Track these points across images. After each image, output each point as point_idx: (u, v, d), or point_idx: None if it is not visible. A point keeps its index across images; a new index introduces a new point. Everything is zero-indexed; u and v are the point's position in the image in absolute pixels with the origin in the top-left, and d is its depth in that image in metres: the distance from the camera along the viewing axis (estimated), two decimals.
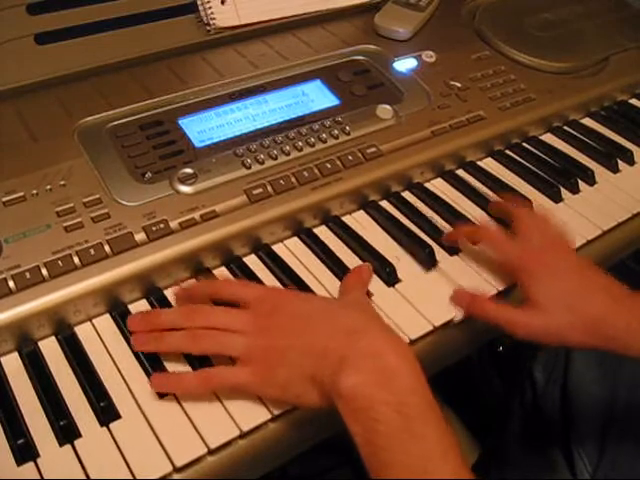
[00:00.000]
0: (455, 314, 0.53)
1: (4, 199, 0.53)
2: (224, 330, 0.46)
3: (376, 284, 0.55)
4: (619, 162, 0.72)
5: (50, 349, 0.49)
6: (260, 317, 0.46)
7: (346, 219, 0.62)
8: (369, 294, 0.54)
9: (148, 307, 0.52)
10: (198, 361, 0.47)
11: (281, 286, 0.55)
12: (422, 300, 0.54)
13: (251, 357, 0.45)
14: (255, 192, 0.58)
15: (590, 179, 0.69)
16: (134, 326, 0.49)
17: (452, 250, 0.59)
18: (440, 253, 0.59)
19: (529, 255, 0.54)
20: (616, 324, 0.50)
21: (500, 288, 0.56)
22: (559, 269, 0.53)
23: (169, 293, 0.53)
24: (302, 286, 0.55)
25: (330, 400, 0.42)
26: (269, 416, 0.45)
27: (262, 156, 0.60)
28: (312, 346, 0.44)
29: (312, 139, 0.63)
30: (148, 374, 0.47)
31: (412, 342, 0.51)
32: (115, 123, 0.61)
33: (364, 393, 0.40)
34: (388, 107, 0.68)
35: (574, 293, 0.51)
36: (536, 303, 0.51)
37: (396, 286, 0.56)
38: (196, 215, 0.55)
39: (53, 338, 0.50)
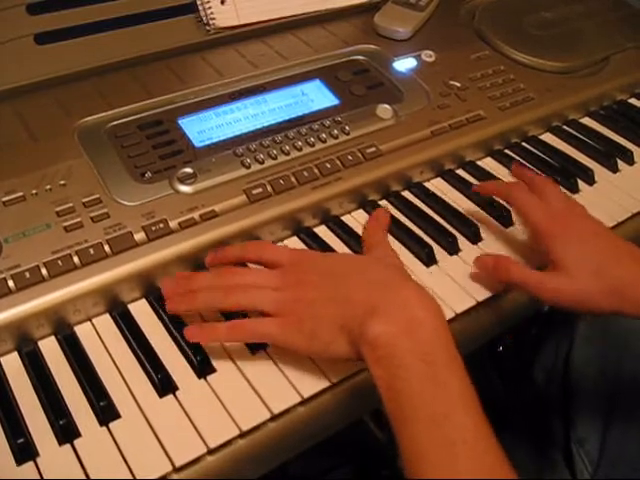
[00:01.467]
0: (449, 315, 0.53)
1: (4, 199, 0.53)
2: (255, 287, 0.47)
3: None
4: (619, 162, 0.72)
5: (50, 349, 0.49)
6: (290, 274, 0.48)
7: (346, 219, 0.62)
8: None
9: (148, 307, 0.52)
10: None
11: None
12: None
13: (281, 310, 0.46)
14: (255, 192, 0.58)
15: (589, 179, 0.69)
16: (168, 289, 0.50)
17: (452, 250, 0.59)
18: (440, 253, 0.59)
19: (555, 219, 0.54)
20: None
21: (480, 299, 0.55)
22: (585, 233, 0.53)
23: None
24: None
25: (357, 348, 0.43)
26: (269, 415, 0.45)
27: (262, 156, 0.60)
28: (342, 297, 0.45)
29: (312, 139, 0.63)
30: (148, 374, 0.47)
31: None
32: (115, 123, 0.61)
33: (390, 341, 0.41)
34: (388, 107, 0.68)
35: (601, 257, 0.51)
36: (564, 267, 0.51)
37: None
38: (196, 215, 0.55)
39: (53, 338, 0.50)
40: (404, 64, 0.74)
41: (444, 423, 0.38)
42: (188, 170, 0.58)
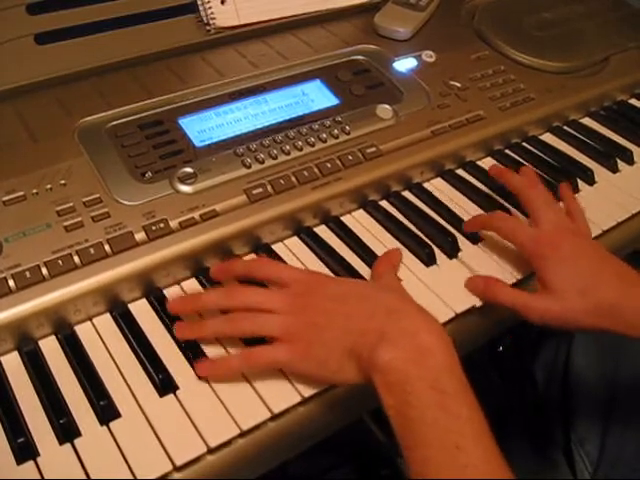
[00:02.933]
0: (449, 315, 0.53)
1: (4, 198, 0.53)
2: (261, 310, 0.47)
3: None
4: (619, 162, 0.72)
5: (50, 348, 0.49)
6: (298, 296, 0.48)
7: (346, 219, 0.62)
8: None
9: (148, 307, 0.52)
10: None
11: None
12: (421, 298, 0.54)
13: (289, 335, 0.46)
14: (255, 191, 0.58)
15: (590, 179, 0.70)
16: (175, 309, 0.50)
17: (452, 250, 0.59)
18: (440, 253, 0.59)
19: (543, 240, 0.54)
20: (629, 307, 0.51)
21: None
22: (573, 254, 0.53)
23: (169, 292, 0.53)
24: None
25: (366, 375, 0.43)
26: (269, 415, 0.45)
27: (262, 155, 0.60)
28: (351, 324, 0.45)
29: (312, 139, 0.63)
30: (148, 374, 0.47)
31: None
32: (115, 123, 0.61)
33: (400, 367, 0.42)
34: (388, 107, 0.68)
35: (588, 278, 0.52)
36: (551, 288, 0.52)
37: None
38: (196, 215, 0.55)
39: (53, 337, 0.50)
40: (404, 64, 0.74)
41: (455, 452, 0.39)
42: (188, 170, 0.58)
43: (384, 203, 0.64)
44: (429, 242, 0.59)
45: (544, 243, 0.54)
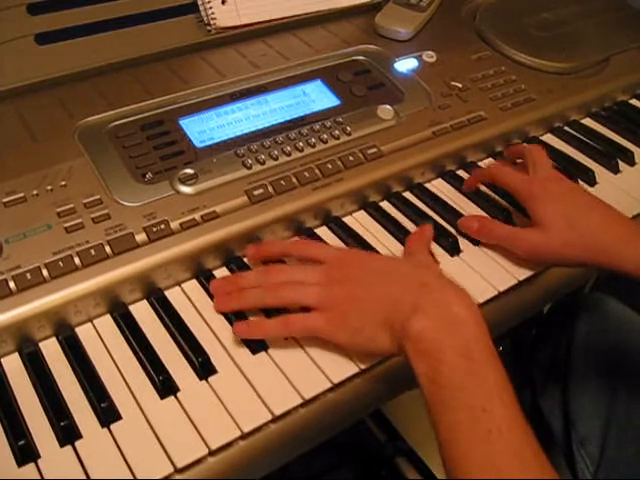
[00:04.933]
0: None
1: (4, 200, 0.53)
2: (301, 283, 0.49)
3: None
4: (620, 162, 0.72)
5: (51, 350, 0.49)
6: (335, 269, 0.50)
7: (347, 220, 0.62)
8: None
9: (149, 308, 0.52)
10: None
11: None
12: None
13: (326, 305, 0.48)
14: (256, 192, 0.58)
15: (591, 179, 0.69)
16: (216, 288, 0.52)
17: (453, 251, 0.59)
18: (441, 253, 0.59)
19: (537, 184, 0.58)
20: (609, 236, 0.55)
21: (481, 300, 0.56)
22: (561, 194, 0.58)
23: (169, 294, 0.53)
24: None
25: (399, 344, 0.45)
26: (270, 417, 0.45)
27: (263, 156, 0.60)
28: (386, 296, 0.47)
29: (313, 139, 0.63)
30: (149, 376, 0.47)
31: None
32: (116, 123, 0.61)
33: (432, 337, 0.43)
34: (389, 107, 0.68)
35: (573, 212, 0.56)
36: (540, 223, 0.56)
37: None
38: (197, 216, 0.55)
39: (54, 339, 0.50)
40: (405, 65, 0.74)
41: (481, 415, 0.40)
42: (189, 171, 0.58)
43: (385, 204, 0.64)
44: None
45: (536, 186, 0.58)
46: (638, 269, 0.53)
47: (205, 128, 0.62)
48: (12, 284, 0.48)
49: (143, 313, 0.52)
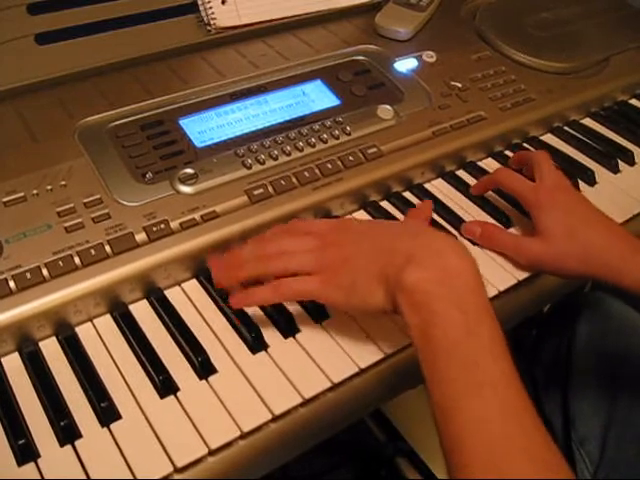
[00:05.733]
0: None
1: (4, 199, 0.53)
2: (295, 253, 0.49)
3: None
4: (619, 162, 0.72)
5: (51, 349, 0.49)
6: (328, 234, 0.50)
7: None
8: None
9: (149, 308, 0.52)
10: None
11: None
12: None
13: (321, 267, 0.48)
14: (256, 192, 0.58)
15: (590, 179, 0.69)
16: (214, 264, 0.52)
17: None
18: None
19: (543, 192, 0.58)
20: (611, 251, 0.54)
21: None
22: (567, 205, 0.57)
23: (169, 293, 0.53)
24: None
25: (393, 297, 0.44)
26: (270, 416, 0.45)
27: (263, 156, 0.60)
28: (379, 248, 0.47)
29: (313, 139, 0.63)
30: (149, 375, 0.47)
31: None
32: (116, 123, 0.61)
33: (426, 288, 0.43)
34: (389, 107, 0.68)
35: (576, 224, 0.56)
36: (542, 233, 0.56)
37: None
38: (197, 215, 0.55)
39: (54, 338, 0.50)
40: (405, 64, 0.74)
41: (474, 369, 0.40)
42: (189, 170, 0.58)
43: (385, 204, 0.64)
44: None
45: (543, 195, 0.58)
46: (636, 284, 0.53)
47: (205, 128, 0.62)
48: (12, 284, 0.48)
49: (143, 313, 0.52)
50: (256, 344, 0.50)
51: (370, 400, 0.51)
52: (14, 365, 0.48)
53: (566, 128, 0.77)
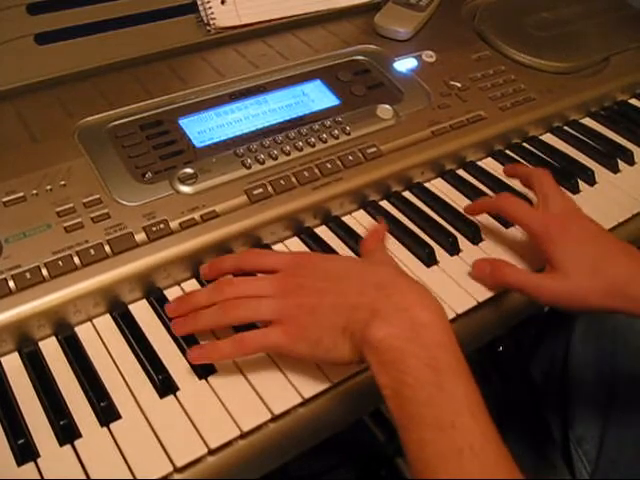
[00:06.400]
0: (450, 316, 0.53)
1: (4, 199, 0.53)
2: (254, 297, 0.47)
3: None
4: (619, 162, 0.72)
5: (50, 349, 0.49)
6: (288, 278, 0.47)
7: (346, 219, 0.62)
8: None
9: (148, 307, 0.52)
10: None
11: None
12: None
13: (282, 317, 0.45)
14: (255, 192, 0.58)
15: (590, 179, 0.70)
16: (172, 312, 0.49)
17: (452, 250, 0.59)
18: (440, 253, 0.59)
19: (551, 221, 0.54)
20: (636, 282, 0.50)
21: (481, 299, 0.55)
22: (581, 234, 0.54)
23: (169, 293, 0.53)
24: None
25: (360, 353, 0.42)
26: (269, 416, 0.45)
27: (262, 156, 0.60)
28: (343, 302, 0.44)
29: (312, 139, 0.63)
30: (149, 375, 0.47)
31: None
32: (115, 123, 0.61)
33: (394, 345, 0.40)
34: (388, 107, 0.68)
35: (597, 257, 0.52)
36: (560, 268, 0.52)
37: None
38: (196, 215, 0.55)
39: (53, 338, 0.50)
40: (405, 64, 0.74)
41: (451, 431, 0.38)
42: (189, 170, 0.58)
43: (384, 203, 0.64)
44: (430, 242, 0.59)
45: (553, 225, 0.54)
46: None
47: (205, 128, 0.62)
48: (12, 283, 0.48)
49: (143, 312, 0.52)
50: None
51: (370, 399, 0.51)
52: (14, 365, 0.48)
53: (566, 128, 0.77)
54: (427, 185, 0.67)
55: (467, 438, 0.37)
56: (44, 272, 0.49)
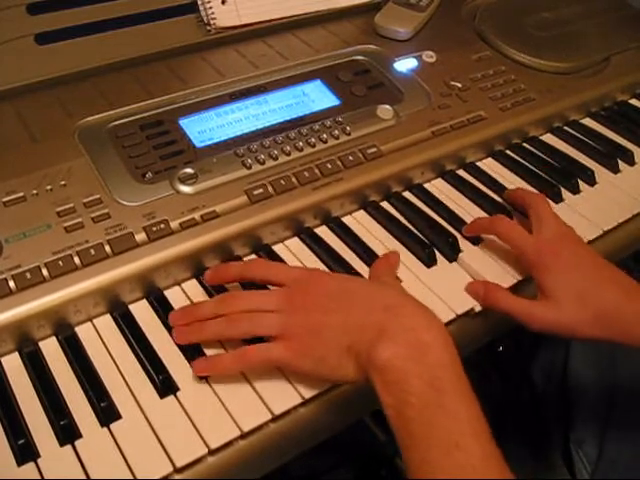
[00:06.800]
0: (450, 316, 0.53)
1: (4, 199, 0.53)
2: (260, 311, 0.47)
3: None
4: (619, 162, 0.72)
5: (51, 349, 0.49)
6: (295, 295, 0.47)
7: (346, 219, 0.62)
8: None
9: (149, 307, 0.52)
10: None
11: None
12: (421, 299, 0.54)
13: (287, 333, 0.46)
14: (256, 192, 0.58)
15: (590, 179, 0.69)
16: (176, 321, 0.49)
17: (452, 252, 0.59)
18: (440, 253, 0.59)
19: (543, 247, 0.54)
20: (627, 316, 0.51)
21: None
22: (571, 261, 0.54)
23: (169, 293, 0.53)
24: None
25: (364, 372, 0.43)
26: (270, 416, 0.45)
27: (262, 156, 0.60)
28: (349, 321, 0.45)
29: (312, 139, 0.63)
30: (149, 375, 0.47)
31: None
32: (115, 123, 0.61)
33: (398, 366, 0.41)
34: (388, 107, 0.68)
35: (586, 286, 0.52)
36: (551, 297, 0.52)
37: None
38: (196, 215, 0.55)
39: (54, 338, 0.50)
40: (405, 64, 0.74)
41: (454, 451, 0.38)
42: (189, 170, 0.58)
43: (385, 204, 0.64)
44: (430, 243, 0.59)
45: (545, 252, 0.54)
46: None
47: (205, 128, 0.62)
48: (12, 283, 0.48)
49: (143, 312, 0.52)
50: (256, 344, 0.49)
51: (371, 399, 0.51)
52: (14, 365, 0.48)
53: (566, 128, 0.77)
54: (427, 186, 0.67)
55: (470, 458, 0.38)
56: (44, 272, 0.49)
